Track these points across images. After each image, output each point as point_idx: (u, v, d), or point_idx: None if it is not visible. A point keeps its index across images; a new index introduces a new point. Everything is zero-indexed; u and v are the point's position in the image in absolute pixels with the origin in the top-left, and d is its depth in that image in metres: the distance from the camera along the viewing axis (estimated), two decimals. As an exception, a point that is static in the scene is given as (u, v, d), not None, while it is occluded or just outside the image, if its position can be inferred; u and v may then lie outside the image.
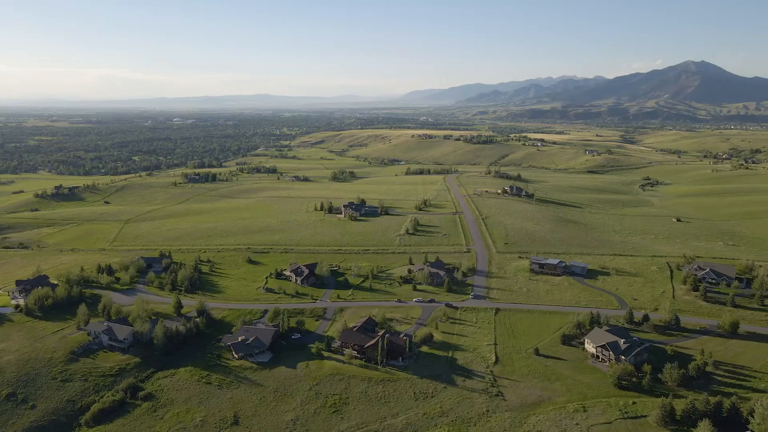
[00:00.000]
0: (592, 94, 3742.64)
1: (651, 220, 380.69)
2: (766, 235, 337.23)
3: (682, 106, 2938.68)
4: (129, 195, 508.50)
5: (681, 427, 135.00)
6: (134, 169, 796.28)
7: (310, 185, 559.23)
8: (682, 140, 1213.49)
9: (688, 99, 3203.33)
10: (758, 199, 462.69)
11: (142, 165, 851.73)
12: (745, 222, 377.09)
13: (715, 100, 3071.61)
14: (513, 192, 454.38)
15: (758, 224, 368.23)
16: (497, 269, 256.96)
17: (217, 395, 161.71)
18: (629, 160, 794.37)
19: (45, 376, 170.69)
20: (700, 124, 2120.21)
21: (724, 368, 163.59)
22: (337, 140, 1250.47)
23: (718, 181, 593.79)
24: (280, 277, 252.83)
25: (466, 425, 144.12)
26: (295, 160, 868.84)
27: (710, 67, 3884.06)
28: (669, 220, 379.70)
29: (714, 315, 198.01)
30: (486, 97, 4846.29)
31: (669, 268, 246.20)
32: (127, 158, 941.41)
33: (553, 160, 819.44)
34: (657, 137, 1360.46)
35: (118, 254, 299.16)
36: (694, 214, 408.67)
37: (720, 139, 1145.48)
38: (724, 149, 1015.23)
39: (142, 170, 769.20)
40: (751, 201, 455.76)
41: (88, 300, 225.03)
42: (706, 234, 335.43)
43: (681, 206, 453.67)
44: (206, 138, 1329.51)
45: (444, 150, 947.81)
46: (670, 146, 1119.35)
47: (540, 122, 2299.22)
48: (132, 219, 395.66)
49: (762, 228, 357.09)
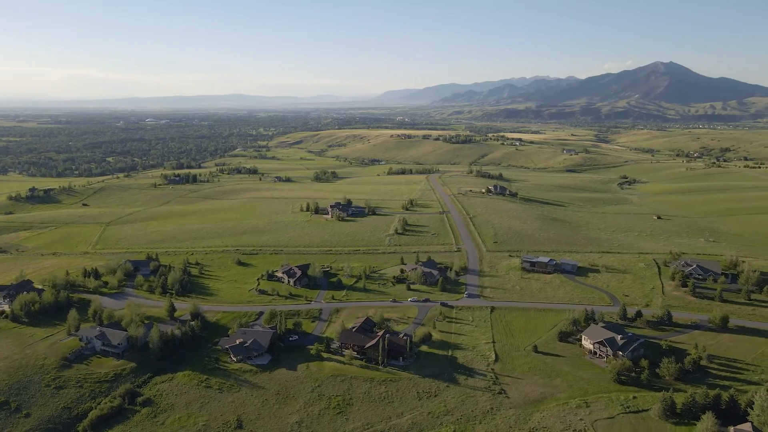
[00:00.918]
0: (565, 94, 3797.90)
1: (632, 218, 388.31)
2: (744, 231, 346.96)
3: (652, 106, 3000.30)
4: (108, 197, 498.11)
5: (682, 420, 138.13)
6: (109, 170, 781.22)
7: (293, 186, 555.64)
8: (654, 139, 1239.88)
9: (658, 99, 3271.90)
10: (733, 197, 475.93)
11: (117, 166, 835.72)
12: (723, 219, 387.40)
13: (684, 100, 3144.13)
14: (497, 191, 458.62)
15: (735, 221, 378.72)
16: (489, 268, 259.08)
17: (218, 399, 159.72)
18: (606, 159, 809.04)
19: (38, 383, 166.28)
20: (669, 124, 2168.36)
21: (717, 362, 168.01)
22: (315, 140, 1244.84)
23: (692, 180, 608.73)
24: (272, 279, 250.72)
25: (471, 423, 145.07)
26: (274, 161, 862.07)
27: (678, 67, 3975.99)
28: (650, 218, 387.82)
29: (703, 310, 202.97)
30: (461, 97, 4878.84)
31: (656, 264, 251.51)
32: (101, 159, 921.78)
33: (532, 159, 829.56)
34: (630, 136, 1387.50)
35: (102, 258, 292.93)
36: (673, 212, 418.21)
37: (690, 139, 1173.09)
38: (695, 148, 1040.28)
39: (117, 171, 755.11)
40: (726, 198, 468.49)
41: (76, 305, 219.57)
42: (687, 231, 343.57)
43: (660, 204, 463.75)
44: (181, 138, 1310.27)
45: (424, 150, 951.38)
46: (643, 145, 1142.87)
47: (515, 122, 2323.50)
48: (113, 221, 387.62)
49: (739, 224, 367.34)
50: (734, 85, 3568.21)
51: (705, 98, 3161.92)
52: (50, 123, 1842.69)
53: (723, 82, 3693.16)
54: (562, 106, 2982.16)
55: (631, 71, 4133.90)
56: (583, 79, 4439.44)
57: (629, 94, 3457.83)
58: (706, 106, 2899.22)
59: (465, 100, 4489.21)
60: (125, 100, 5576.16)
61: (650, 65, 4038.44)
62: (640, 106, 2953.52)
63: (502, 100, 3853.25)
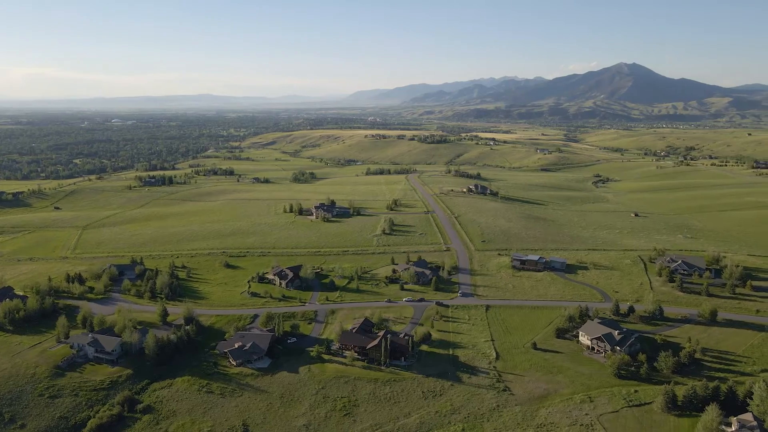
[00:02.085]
0: (533, 95, 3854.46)
1: (611, 216, 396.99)
2: (718, 227, 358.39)
3: (617, 106, 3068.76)
4: (81, 200, 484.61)
5: (683, 412, 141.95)
6: (77, 172, 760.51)
7: (272, 187, 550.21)
8: (622, 138, 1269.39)
9: (623, 99, 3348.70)
10: (704, 194, 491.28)
11: (86, 168, 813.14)
12: (697, 216, 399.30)
13: (647, 100, 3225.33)
14: (478, 190, 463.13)
15: (708, 217, 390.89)
16: (479, 267, 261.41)
17: (221, 404, 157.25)
18: (578, 158, 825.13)
19: (30, 393, 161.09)
20: (634, 123, 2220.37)
21: (710, 354, 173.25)
22: (289, 141, 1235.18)
23: (663, 178, 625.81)
24: (262, 281, 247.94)
25: (479, 421, 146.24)
26: (249, 162, 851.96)
27: (641, 69, 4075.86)
28: (627, 215, 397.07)
29: (692, 304, 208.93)
30: (431, 97, 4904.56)
31: (642, 261, 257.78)
32: (68, 161, 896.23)
33: (507, 158, 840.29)
34: (598, 136, 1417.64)
35: (83, 262, 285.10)
36: (649, 209, 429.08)
37: (656, 138, 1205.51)
38: (662, 147, 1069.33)
39: (86, 173, 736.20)
40: (697, 196, 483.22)
41: (62, 311, 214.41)
42: (665, 228, 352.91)
43: (635, 202, 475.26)
44: (150, 139, 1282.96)
45: (399, 150, 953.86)
46: (611, 144, 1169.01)
47: (485, 122, 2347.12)
48: (90, 225, 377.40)
49: (712, 221, 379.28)
50: (694, 85, 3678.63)
51: (667, 98, 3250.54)
52: (10, 124, 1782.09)
53: (683, 83, 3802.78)
54: (531, 106, 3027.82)
55: (597, 72, 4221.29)
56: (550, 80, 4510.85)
57: (595, 95, 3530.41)
58: (669, 106, 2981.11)
59: (435, 100, 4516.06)
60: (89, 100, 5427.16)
61: (614, 66, 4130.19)
62: (606, 106, 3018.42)
63: (472, 100, 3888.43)
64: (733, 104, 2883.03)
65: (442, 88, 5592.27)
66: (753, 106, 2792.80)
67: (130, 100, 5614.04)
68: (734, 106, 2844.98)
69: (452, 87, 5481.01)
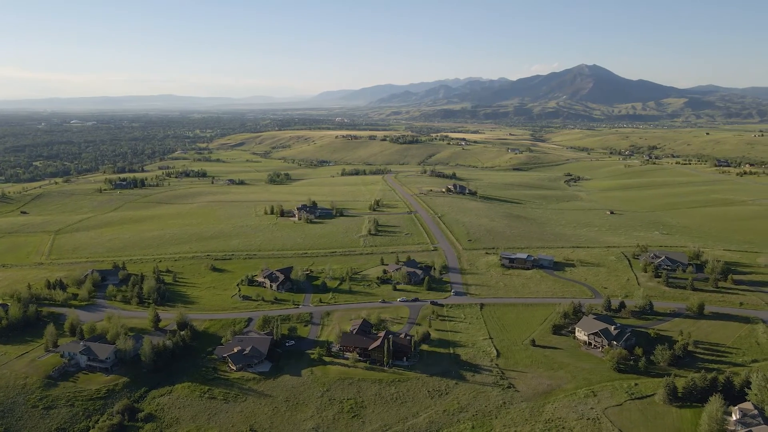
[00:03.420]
0: (498, 95, 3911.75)
1: (588, 214, 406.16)
2: (690, 224, 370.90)
3: (579, 107, 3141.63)
4: (49, 204, 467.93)
5: (684, 403, 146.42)
6: (39, 175, 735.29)
7: (248, 189, 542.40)
8: (587, 138, 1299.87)
9: (584, 99, 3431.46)
10: (672, 192, 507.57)
11: (48, 171, 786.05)
12: (669, 213, 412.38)
13: (608, 101, 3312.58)
14: (457, 190, 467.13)
15: (680, 214, 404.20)
16: (469, 266, 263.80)
17: (226, 410, 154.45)
18: (548, 157, 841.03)
19: (23, 404, 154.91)
20: (596, 123, 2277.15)
21: (702, 347, 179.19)
22: (258, 142, 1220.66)
23: (631, 176, 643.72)
24: (252, 284, 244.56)
25: (488, 418, 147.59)
26: (220, 163, 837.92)
27: (601, 70, 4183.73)
28: (603, 213, 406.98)
29: (678, 299, 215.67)
30: (397, 97, 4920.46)
31: (625, 257, 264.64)
32: (28, 164, 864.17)
33: (479, 158, 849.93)
34: (563, 135, 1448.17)
35: (60, 268, 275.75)
36: (623, 207, 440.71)
37: (620, 137, 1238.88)
38: (626, 146, 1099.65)
39: (48, 176, 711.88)
40: (666, 194, 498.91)
41: (46, 319, 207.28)
42: (641, 225, 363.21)
43: (608, 200, 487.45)
44: (113, 141, 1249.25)
45: (372, 150, 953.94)
46: (577, 144, 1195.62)
47: (452, 122, 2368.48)
48: (62, 230, 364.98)
49: (684, 217, 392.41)
50: (651, 86, 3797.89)
51: (626, 99, 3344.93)
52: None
53: (641, 84, 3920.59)
54: (496, 107, 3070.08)
55: (559, 73, 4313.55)
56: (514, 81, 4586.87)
57: (558, 95, 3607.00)
58: (628, 107, 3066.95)
59: (402, 101, 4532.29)
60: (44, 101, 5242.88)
61: (576, 67, 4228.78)
62: (569, 107, 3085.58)
63: (438, 101, 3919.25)
64: (688, 105, 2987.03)
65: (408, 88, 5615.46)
66: (707, 107, 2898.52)
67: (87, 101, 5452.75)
68: (690, 106, 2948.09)
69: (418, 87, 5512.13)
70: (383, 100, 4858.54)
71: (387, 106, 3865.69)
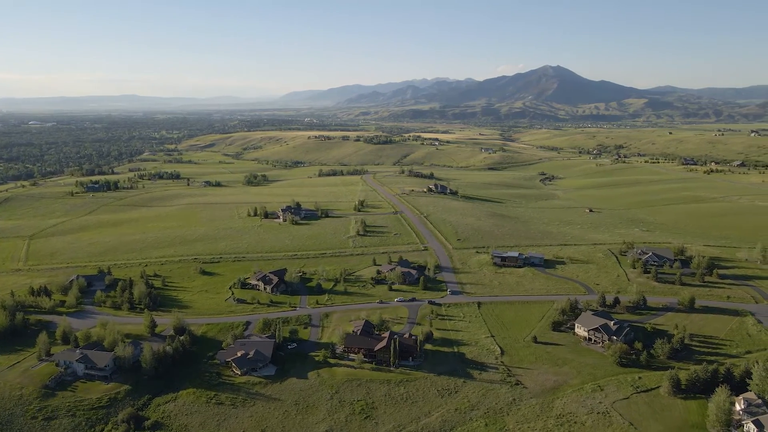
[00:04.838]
0: (466, 95, 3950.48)
1: (568, 212, 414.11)
2: (667, 220, 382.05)
3: (545, 107, 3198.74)
4: (18, 208, 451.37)
5: (688, 394, 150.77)
6: (1, 178, 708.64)
7: (226, 190, 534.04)
8: (555, 138, 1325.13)
9: (549, 100, 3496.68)
10: (644, 190, 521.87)
11: (10, 174, 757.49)
12: (644, 210, 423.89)
13: (571, 101, 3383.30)
14: (438, 190, 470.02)
15: (656, 211, 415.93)
16: (461, 265, 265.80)
17: (235, 415, 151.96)
18: (521, 156, 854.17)
19: (21, 416, 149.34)
20: (562, 123, 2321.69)
21: (697, 340, 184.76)
22: (228, 143, 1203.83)
23: (603, 175, 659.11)
24: (245, 287, 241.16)
25: (500, 415, 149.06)
26: (192, 165, 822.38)
27: (565, 71, 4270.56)
28: (582, 211, 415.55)
29: (668, 293, 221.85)
30: (365, 98, 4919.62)
31: (613, 254, 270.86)
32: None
33: (453, 158, 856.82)
34: (532, 135, 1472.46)
35: (41, 274, 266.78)
36: (600, 205, 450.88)
37: (587, 137, 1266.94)
38: (593, 146, 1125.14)
39: (11, 179, 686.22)
40: (640, 191, 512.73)
41: (34, 327, 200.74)
42: (620, 222, 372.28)
43: (584, 198, 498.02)
44: (76, 143, 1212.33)
45: (346, 151, 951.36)
46: (546, 143, 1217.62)
47: (422, 122, 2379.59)
48: (36, 234, 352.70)
49: (659, 214, 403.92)
50: (613, 87, 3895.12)
51: (589, 99, 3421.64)
52: None
53: (603, 84, 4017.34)
54: (464, 107, 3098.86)
55: (524, 74, 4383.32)
56: (481, 81, 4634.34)
57: (524, 96, 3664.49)
58: (591, 107, 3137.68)
59: (370, 101, 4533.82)
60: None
61: (540, 68, 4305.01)
62: (535, 107, 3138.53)
63: (407, 101, 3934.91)
64: (648, 105, 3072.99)
65: (375, 89, 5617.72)
66: (666, 107, 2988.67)
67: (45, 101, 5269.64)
68: (650, 106, 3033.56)
69: (386, 88, 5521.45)
70: (351, 100, 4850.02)
71: (355, 107, 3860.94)
